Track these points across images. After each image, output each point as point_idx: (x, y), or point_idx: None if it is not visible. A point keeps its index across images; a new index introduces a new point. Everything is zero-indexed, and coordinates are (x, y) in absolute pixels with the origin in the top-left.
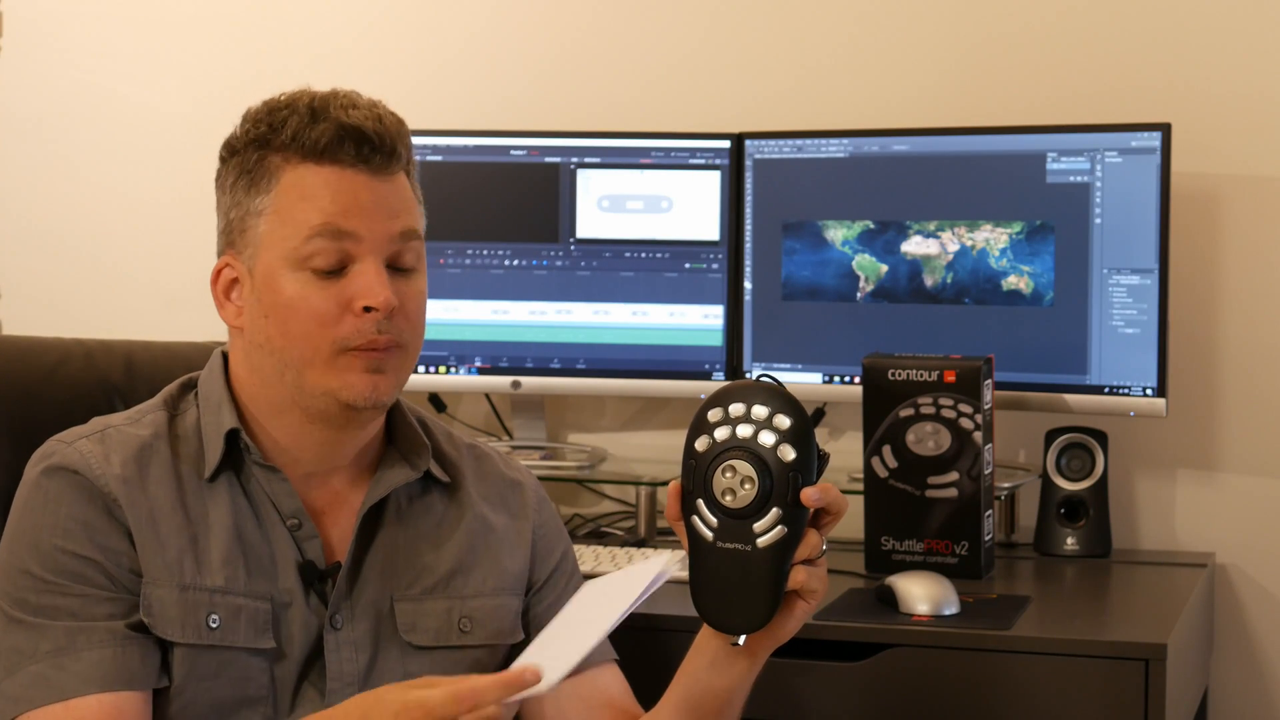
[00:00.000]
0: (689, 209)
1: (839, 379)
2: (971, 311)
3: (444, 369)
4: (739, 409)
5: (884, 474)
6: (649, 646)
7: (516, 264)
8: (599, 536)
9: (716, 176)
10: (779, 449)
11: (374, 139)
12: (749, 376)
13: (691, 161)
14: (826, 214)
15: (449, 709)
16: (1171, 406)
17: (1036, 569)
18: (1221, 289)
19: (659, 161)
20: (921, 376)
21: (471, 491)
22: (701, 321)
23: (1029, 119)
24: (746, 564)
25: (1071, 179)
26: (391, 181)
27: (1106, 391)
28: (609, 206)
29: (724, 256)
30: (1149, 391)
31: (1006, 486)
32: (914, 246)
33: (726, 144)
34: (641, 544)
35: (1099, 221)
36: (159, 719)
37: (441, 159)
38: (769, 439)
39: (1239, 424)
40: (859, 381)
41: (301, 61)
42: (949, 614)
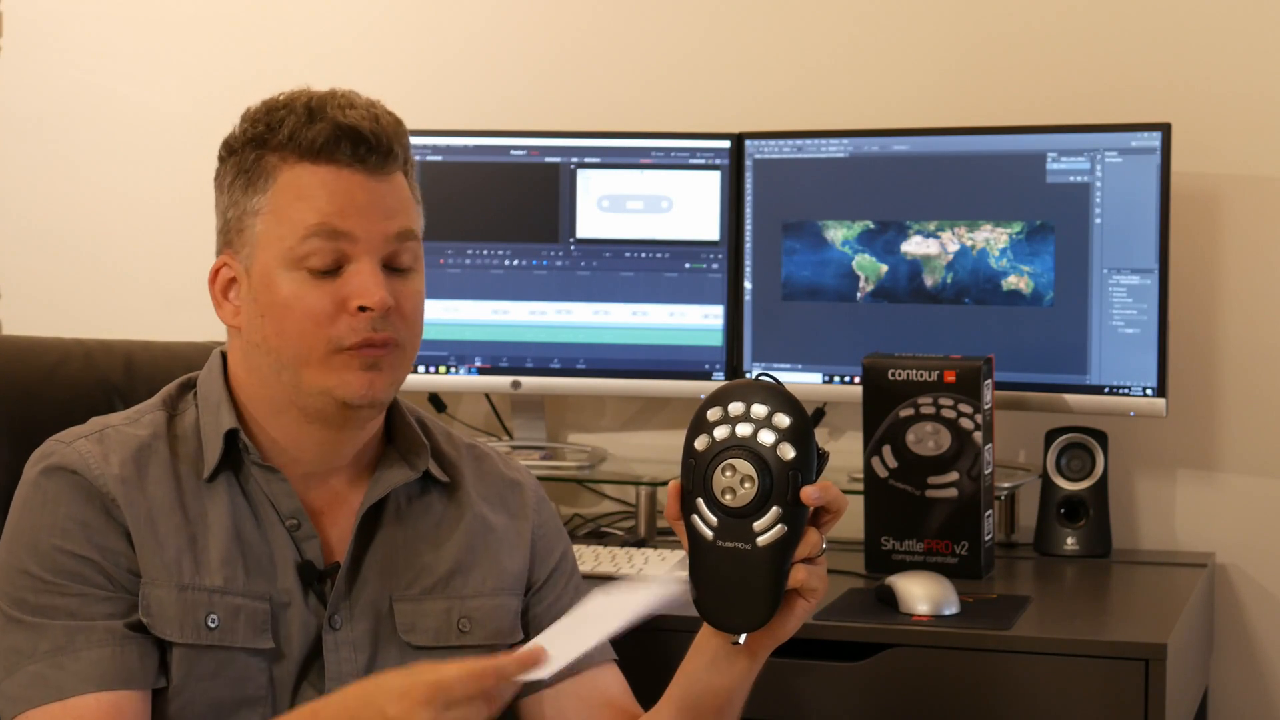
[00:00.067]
0: (689, 209)
1: (839, 379)
2: (971, 311)
3: (444, 369)
4: (738, 408)
5: (884, 474)
6: (649, 646)
7: (516, 264)
8: (599, 536)
9: (716, 176)
10: (778, 448)
11: (370, 139)
12: (748, 376)
13: (691, 161)
14: (826, 214)
15: (468, 687)
16: (1171, 406)
17: (1036, 569)
18: (1221, 289)
19: (659, 161)
20: (921, 376)
21: (471, 491)
22: (701, 321)
23: (1029, 119)
24: (747, 563)
25: (1071, 179)
26: (388, 181)
27: (1106, 391)
28: (609, 206)
29: (724, 256)
30: (1149, 391)
31: (1006, 486)
32: (914, 246)
33: (726, 144)
34: (641, 544)
35: (1099, 221)
36: (158, 719)
37: (441, 159)
38: (768, 438)
39: (1239, 424)
40: (859, 381)
41: (301, 61)
42: (949, 614)
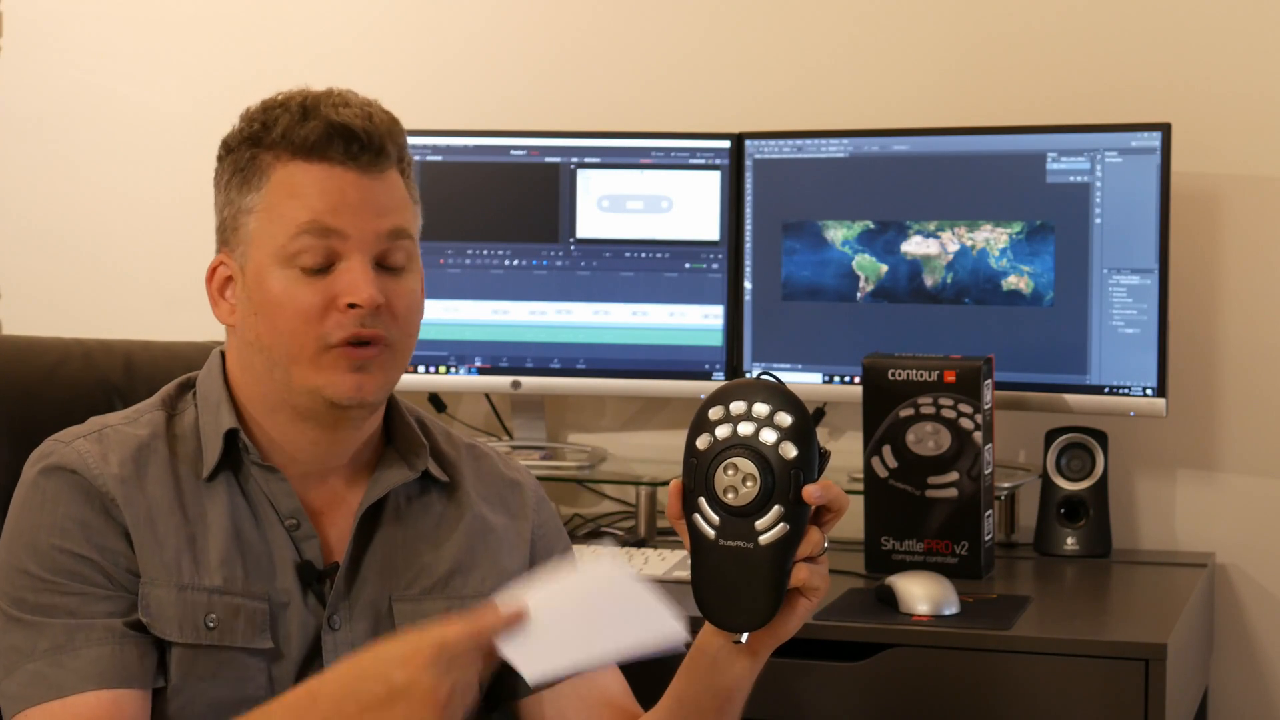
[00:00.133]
0: (689, 209)
1: (839, 379)
2: (971, 311)
3: (444, 369)
4: (740, 407)
5: (884, 474)
6: None
7: (516, 264)
8: (599, 536)
9: (716, 176)
10: (780, 446)
11: (362, 137)
12: (749, 375)
13: (691, 161)
14: (826, 214)
15: (468, 643)
16: (1171, 406)
17: (1036, 569)
18: (1221, 289)
19: (659, 161)
20: (921, 376)
21: (470, 491)
22: (701, 321)
23: (1029, 119)
24: (748, 562)
25: (1071, 179)
26: (381, 179)
27: (1106, 391)
28: (609, 206)
29: (724, 256)
30: (1149, 391)
31: (1006, 486)
32: (914, 246)
33: (726, 144)
34: (641, 544)
35: (1099, 221)
36: (158, 719)
37: (441, 159)
38: (770, 437)
39: (1239, 424)
40: (859, 381)
41: (301, 62)
42: (949, 614)
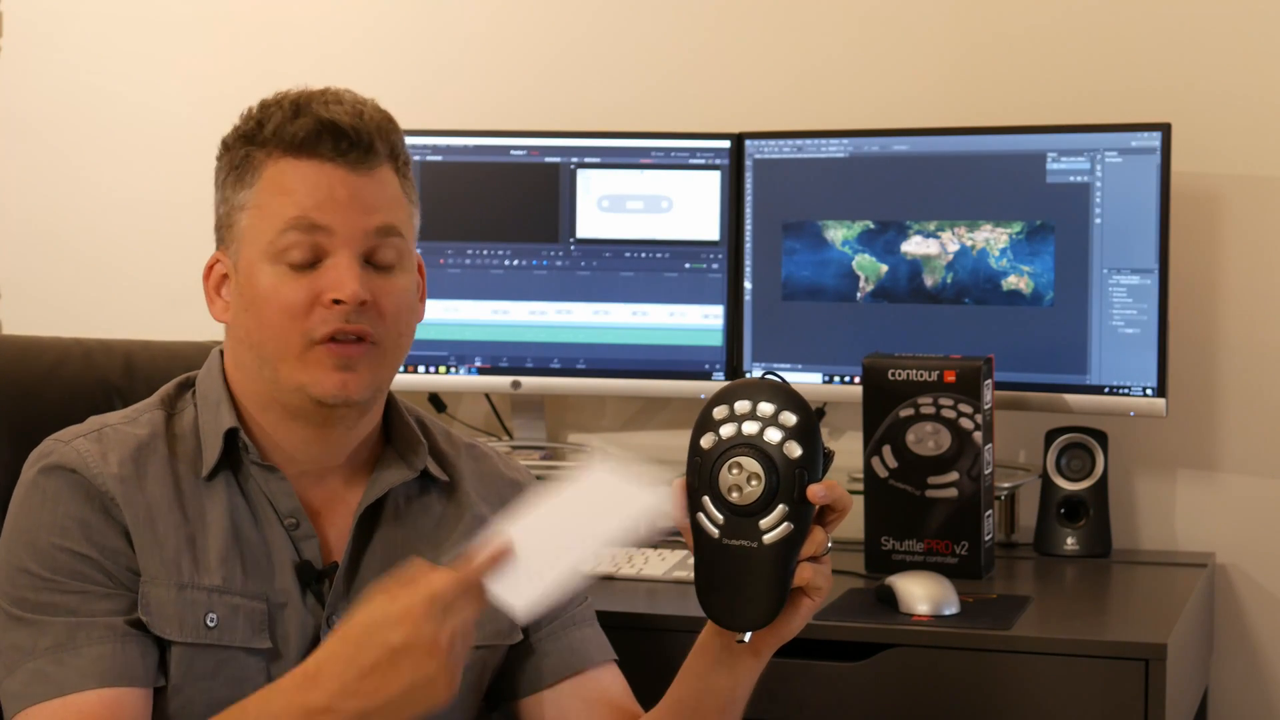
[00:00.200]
0: (689, 209)
1: (839, 379)
2: (971, 311)
3: (444, 369)
4: (744, 406)
5: (884, 474)
6: (649, 646)
7: (516, 264)
8: None
9: (716, 176)
10: (785, 446)
11: (350, 134)
12: (750, 375)
13: (691, 161)
14: (826, 214)
15: (459, 588)
16: (1171, 406)
17: (1036, 569)
18: (1221, 289)
19: (659, 161)
20: (921, 376)
21: (470, 491)
22: (701, 321)
23: (1029, 119)
24: (752, 561)
25: (1071, 179)
26: (370, 176)
27: (1106, 391)
28: (609, 206)
29: (724, 256)
30: (1149, 391)
31: (1006, 486)
32: (914, 246)
33: (726, 144)
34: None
35: (1099, 221)
36: (158, 718)
37: (441, 159)
38: (775, 436)
39: (1239, 424)
40: (859, 381)
41: (302, 62)
42: (949, 614)
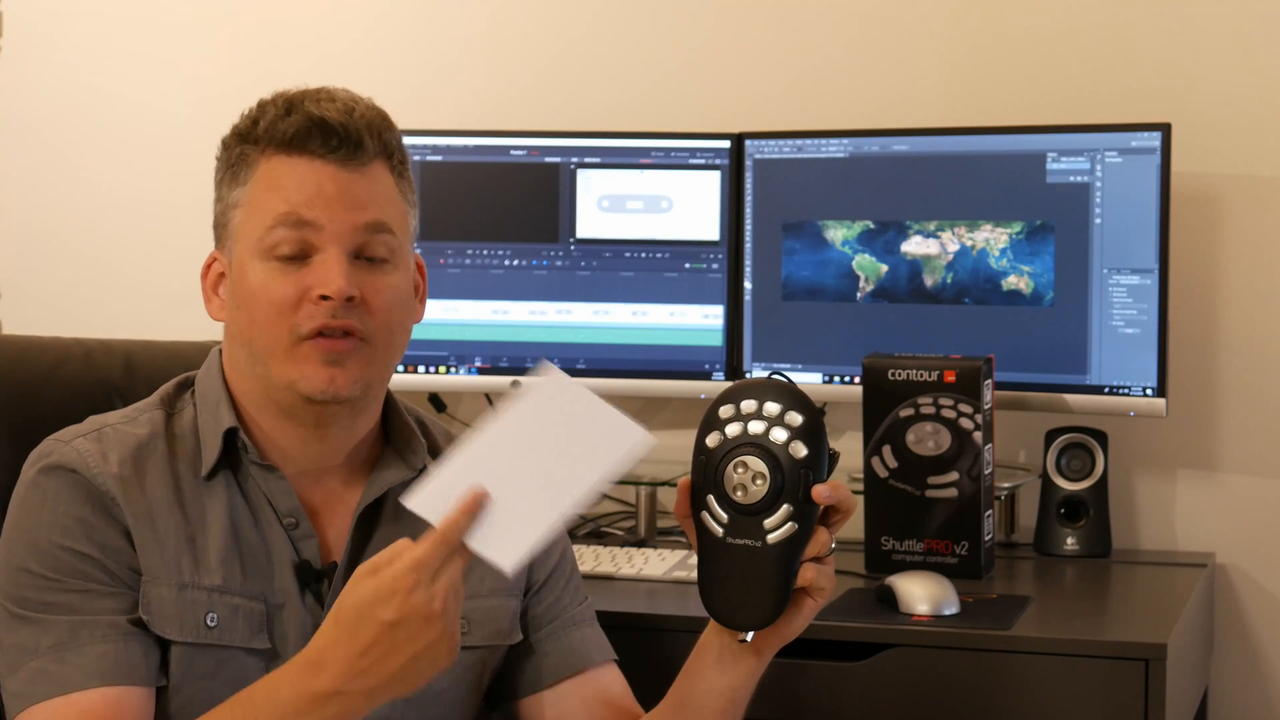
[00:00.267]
0: (689, 209)
1: (839, 379)
2: (971, 311)
3: (444, 369)
4: (751, 405)
5: (884, 474)
6: (649, 646)
7: (516, 264)
8: (599, 536)
9: (716, 176)
10: (791, 446)
11: (340, 131)
12: (750, 376)
13: (691, 161)
14: (826, 214)
15: (441, 550)
16: (1171, 406)
17: (1036, 569)
18: (1221, 289)
19: (659, 161)
20: (921, 376)
21: None
22: (701, 321)
23: (1029, 119)
24: (756, 560)
25: (1071, 179)
26: (361, 173)
27: (1106, 391)
28: (609, 206)
29: (724, 256)
30: (1149, 391)
31: (1006, 486)
32: (914, 246)
33: (726, 144)
34: (641, 544)
35: (1099, 221)
36: (158, 717)
37: (441, 159)
38: (781, 435)
39: (1239, 424)
40: (859, 381)
41: (302, 62)
42: (949, 614)
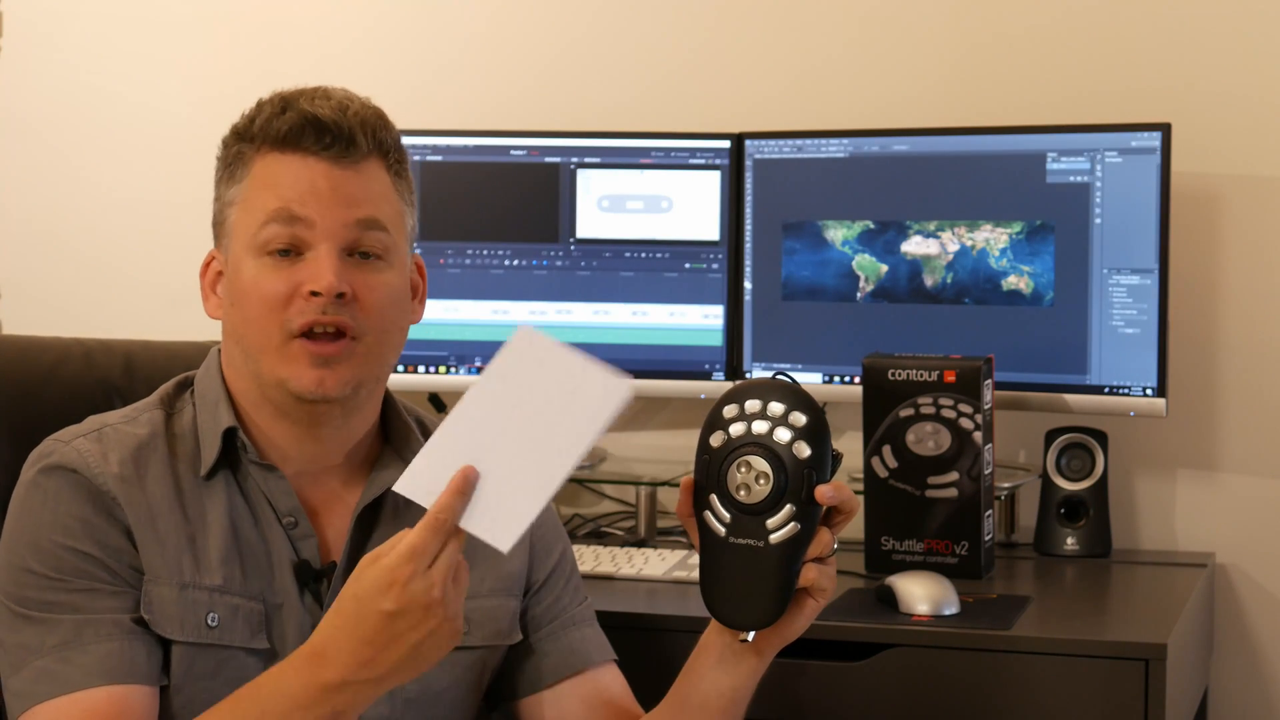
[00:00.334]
0: (689, 209)
1: (839, 379)
2: (971, 311)
3: (444, 369)
4: (755, 405)
5: (884, 474)
6: (649, 646)
7: (516, 264)
8: (599, 536)
9: (716, 176)
10: (794, 446)
11: (333, 128)
12: (750, 376)
13: (691, 161)
14: (826, 214)
15: (435, 536)
16: (1171, 406)
17: (1036, 569)
18: (1221, 289)
19: (659, 161)
20: (921, 376)
21: None
22: (701, 321)
23: (1029, 119)
24: (758, 560)
25: (1071, 179)
26: (355, 170)
27: (1106, 391)
28: (609, 206)
29: (724, 256)
30: (1149, 391)
31: (1006, 486)
32: (914, 246)
33: (726, 144)
34: (641, 544)
35: (1099, 221)
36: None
37: (441, 159)
38: (785, 436)
39: (1239, 424)
40: (859, 381)
41: (302, 62)
42: (949, 614)
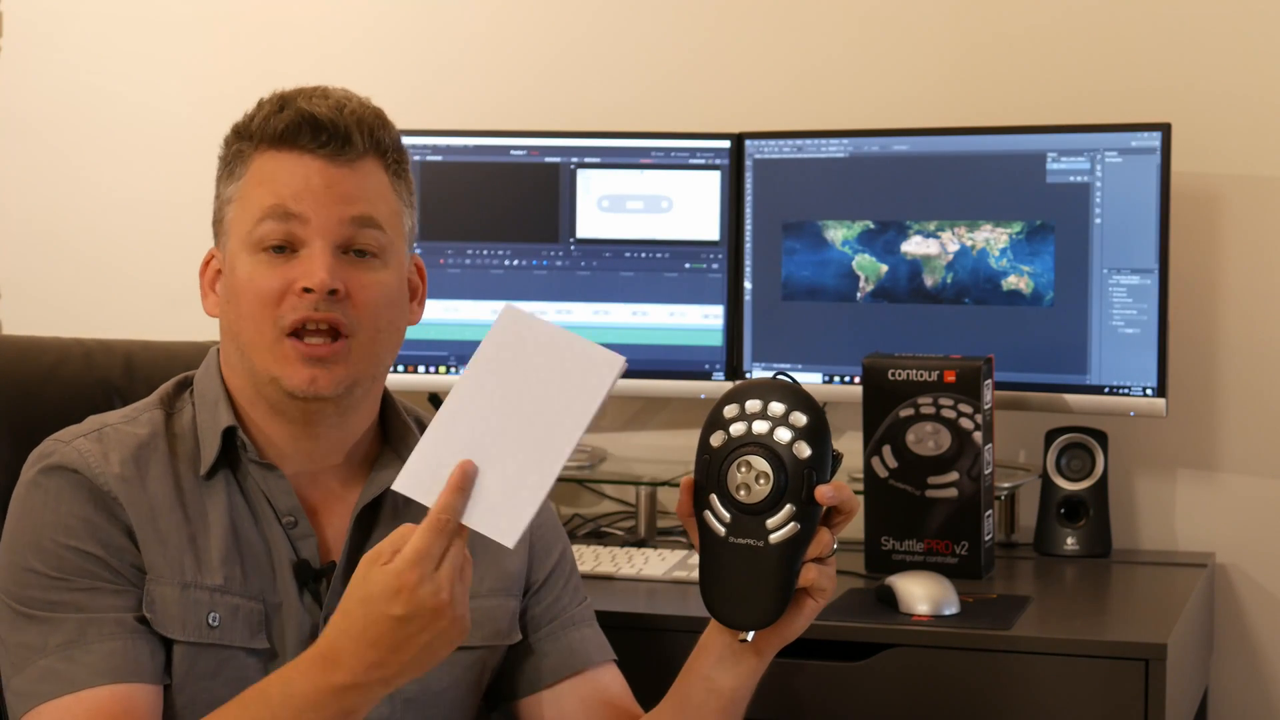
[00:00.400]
0: (689, 209)
1: (839, 379)
2: (971, 311)
3: (444, 369)
4: (755, 405)
5: (884, 474)
6: (649, 646)
7: (516, 264)
8: (599, 536)
9: (716, 176)
10: (795, 446)
11: (329, 126)
12: (750, 376)
13: (691, 161)
14: (826, 214)
15: (440, 537)
16: (1171, 406)
17: (1036, 569)
18: (1221, 289)
19: (659, 161)
20: (921, 376)
21: None
22: (701, 321)
23: (1029, 119)
24: (758, 560)
25: (1071, 179)
26: (351, 168)
27: (1106, 391)
28: (609, 206)
29: (724, 256)
30: (1149, 391)
31: (1006, 486)
32: (914, 246)
33: (726, 144)
34: (641, 544)
35: (1099, 221)
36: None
37: (441, 159)
38: (785, 435)
39: (1239, 424)
40: (859, 381)
41: (302, 62)
42: (949, 614)
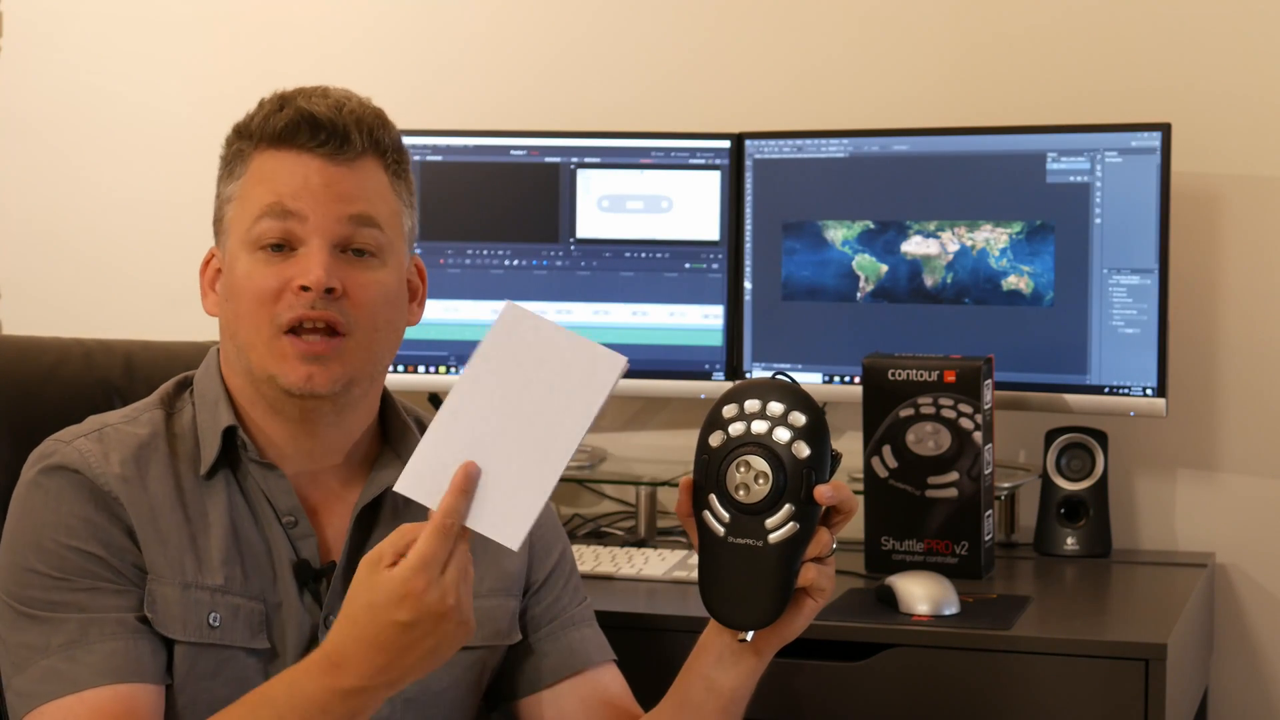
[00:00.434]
0: (689, 209)
1: (839, 379)
2: (971, 311)
3: (444, 369)
4: (754, 405)
5: (884, 474)
6: (649, 646)
7: (516, 264)
8: (599, 536)
9: (716, 176)
10: (794, 446)
11: (327, 125)
12: (750, 376)
13: (691, 161)
14: (826, 214)
15: (444, 542)
16: (1171, 406)
17: (1036, 569)
18: (1221, 289)
19: (659, 161)
20: (921, 376)
21: None
22: (701, 321)
23: (1029, 119)
24: (757, 560)
25: (1071, 179)
26: (350, 167)
27: (1106, 391)
28: (609, 206)
29: (724, 256)
30: (1149, 391)
31: (1006, 486)
32: (914, 246)
33: (726, 144)
34: (641, 544)
35: (1099, 221)
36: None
37: (441, 159)
38: (784, 435)
39: (1239, 424)
40: (859, 381)
41: (302, 62)
42: (949, 614)
